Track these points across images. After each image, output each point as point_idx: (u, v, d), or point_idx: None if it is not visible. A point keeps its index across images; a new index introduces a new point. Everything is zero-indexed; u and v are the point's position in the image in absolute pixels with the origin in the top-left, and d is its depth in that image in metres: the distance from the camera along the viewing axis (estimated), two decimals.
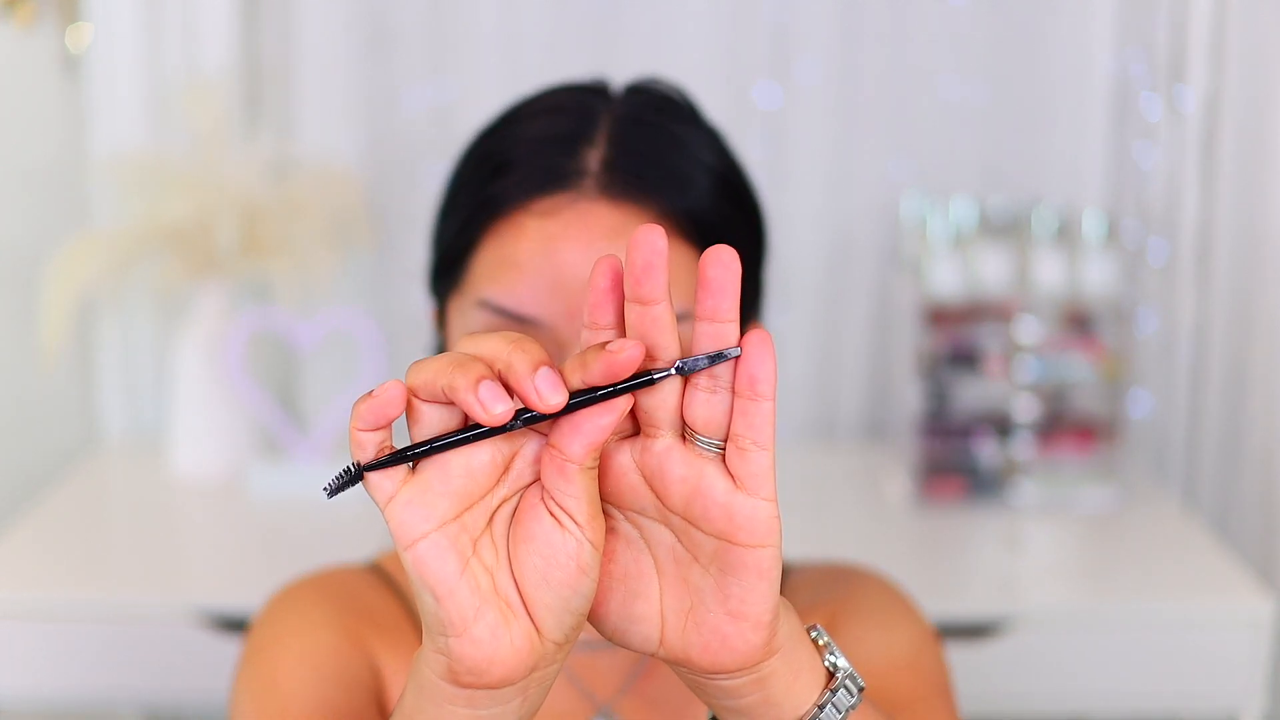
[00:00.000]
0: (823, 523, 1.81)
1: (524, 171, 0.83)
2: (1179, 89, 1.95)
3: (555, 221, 0.81)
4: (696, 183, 0.83)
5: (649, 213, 0.81)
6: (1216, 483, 1.97)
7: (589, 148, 0.83)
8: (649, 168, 0.82)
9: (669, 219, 0.82)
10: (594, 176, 0.82)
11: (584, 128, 0.84)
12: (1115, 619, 1.57)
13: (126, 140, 1.95)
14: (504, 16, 1.98)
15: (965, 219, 1.86)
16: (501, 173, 0.84)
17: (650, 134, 0.84)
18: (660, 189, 0.82)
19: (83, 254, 1.79)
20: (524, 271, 0.81)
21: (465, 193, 0.86)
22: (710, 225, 0.83)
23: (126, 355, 2.04)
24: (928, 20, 2.01)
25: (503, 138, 0.86)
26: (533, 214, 0.82)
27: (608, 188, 0.82)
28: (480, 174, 0.85)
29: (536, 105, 0.88)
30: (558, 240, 0.81)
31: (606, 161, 0.82)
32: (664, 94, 0.89)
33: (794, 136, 2.03)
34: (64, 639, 1.54)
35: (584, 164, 0.82)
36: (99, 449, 2.03)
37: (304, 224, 1.86)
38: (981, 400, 1.87)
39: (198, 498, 1.84)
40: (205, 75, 1.93)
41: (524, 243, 0.81)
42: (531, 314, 0.81)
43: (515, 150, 0.84)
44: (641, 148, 0.83)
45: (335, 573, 0.96)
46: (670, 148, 0.84)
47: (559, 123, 0.85)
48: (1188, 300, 1.97)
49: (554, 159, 0.83)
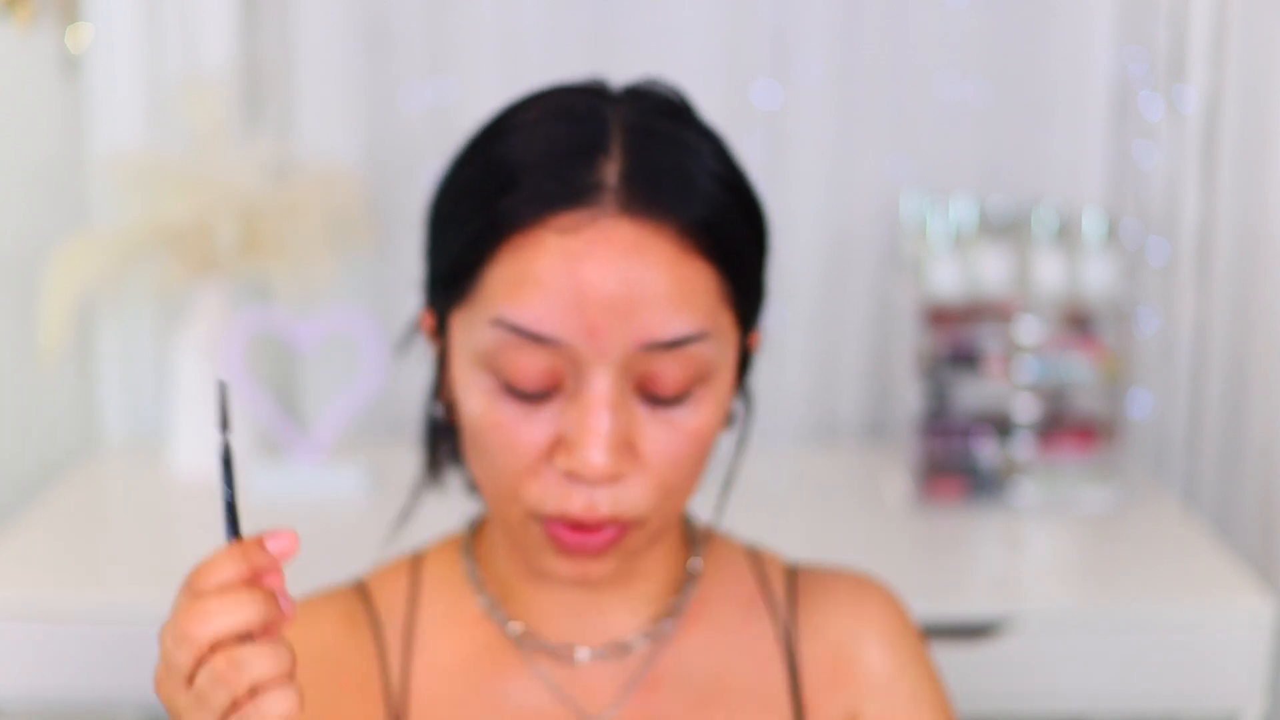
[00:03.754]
0: (823, 523, 1.81)
1: (540, 185, 0.81)
2: (1179, 89, 1.95)
3: (576, 239, 0.80)
4: (708, 193, 0.83)
5: (667, 227, 0.80)
6: (1216, 483, 1.97)
7: (605, 159, 0.81)
8: (665, 181, 0.82)
9: (686, 232, 0.81)
10: (613, 191, 0.81)
11: (597, 137, 0.82)
12: (1115, 619, 1.57)
13: (126, 140, 1.95)
14: (503, 16, 1.98)
15: (965, 219, 1.86)
16: (514, 184, 0.82)
17: (662, 144, 0.83)
18: (676, 203, 0.81)
19: (82, 254, 1.79)
20: (544, 290, 0.79)
21: (472, 202, 0.84)
22: (722, 234, 0.83)
23: (126, 355, 2.04)
24: (928, 20, 2.01)
25: (510, 145, 0.84)
26: (551, 230, 0.80)
27: (627, 204, 0.80)
28: (489, 184, 0.83)
29: (540, 109, 0.86)
30: (580, 258, 0.79)
31: (624, 175, 0.81)
32: (666, 97, 0.88)
33: (794, 136, 2.03)
34: (64, 639, 1.54)
35: (602, 178, 0.81)
36: (98, 449, 2.03)
37: (303, 224, 1.86)
38: (981, 400, 1.87)
39: (197, 498, 1.84)
40: (205, 75, 1.93)
41: (543, 259, 0.80)
42: (550, 333, 0.80)
43: (526, 159, 0.82)
44: (656, 159, 0.82)
45: (310, 626, 0.93)
46: (682, 158, 0.83)
47: (570, 131, 0.83)
48: (1188, 300, 1.97)
49: (571, 172, 0.81)
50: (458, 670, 0.92)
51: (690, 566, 0.95)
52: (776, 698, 0.93)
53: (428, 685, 0.92)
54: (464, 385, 0.84)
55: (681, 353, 0.81)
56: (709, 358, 0.82)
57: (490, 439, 0.83)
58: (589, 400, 0.80)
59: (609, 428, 0.80)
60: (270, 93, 2.02)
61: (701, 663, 0.93)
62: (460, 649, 0.93)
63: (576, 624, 0.92)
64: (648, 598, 0.93)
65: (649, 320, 0.79)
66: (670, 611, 0.93)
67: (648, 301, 0.79)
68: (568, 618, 0.92)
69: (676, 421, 0.82)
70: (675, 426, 0.82)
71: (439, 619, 0.94)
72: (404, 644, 0.93)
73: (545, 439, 0.82)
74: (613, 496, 0.82)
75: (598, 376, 0.80)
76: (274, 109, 2.02)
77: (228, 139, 1.89)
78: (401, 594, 0.95)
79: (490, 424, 0.82)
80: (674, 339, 0.80)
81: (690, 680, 0.92)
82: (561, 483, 0.82)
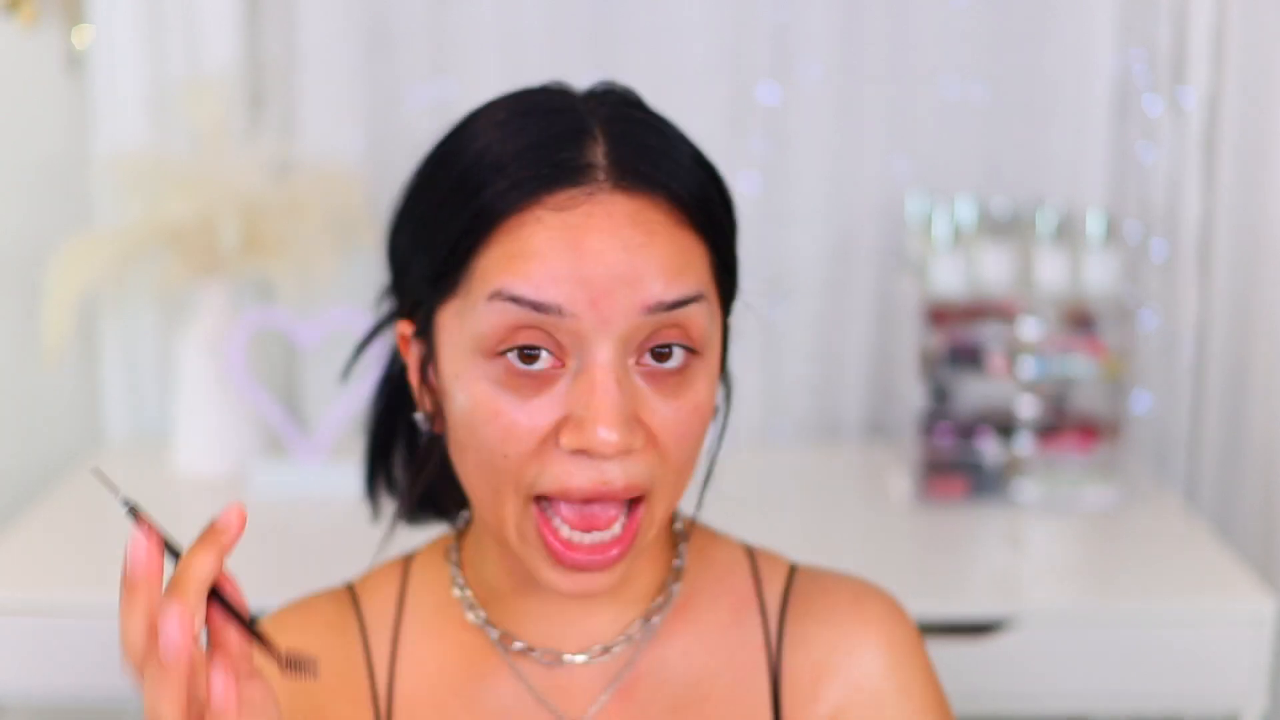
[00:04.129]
0: (824, 521, 1.81)
1: (529, 169, 0.81)
2: (1180, 88, 1.95)
3: (574, 214, 0.80)
4: (688, 169, 0.84)
5: (661, 200, 0.81)
6: (1217, 481, 1.98)
7: (590, 141, 0.82)
8: (651, 158, 0.82)
9: (678, 204, 0.82)
10: (604, 169, 0.81)
11: (579, 123, 0.83)
12: (1116, 618, 1.57)
13: (129, 139, 1.95)
14: (505, 16, 1.98)
15: (967, 218, 1.86)
16: (499, 174, 0.81)
17: (641, 127, 0.84)
18: (667, 177, 0.82)
19: (85, 253, 1.79)
20: (544, 259, 0.79)
21: (454, 200, 0.83)
22: (710, 209, 0.84)
23: (128, 354, 2.04)
24: (929, 20, 2.01)
25: (486, 143, 0.83)
26: (547, 208, 0.80)
27: (620, 179, 0.81)
28: (470, 181, 0.83)
29: (508, 110, 0.86)
30: (580, 229, 0.79)
31: (612, 155, 0.82)
32: (626, 91, 0.89)
33: (796, 136, 2.03)
34: (67, 637, 1.54)
35: (591, 158, 0.81)
36: (101, 448, 2.03)
37: (305, 223, 1.86)
38: (983, 399, 1.87)
39: (200, 496, 1.84)
40: (207, 75, 1.93)
41: (542, 234, 0.79)
42: (553, 300, 0.79)
43: (508, 151, 0.82)
44: (639, 138, 0.83)
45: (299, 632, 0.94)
46: (661, 137, 0.85)
47: (549, 122, 0.83)
48: (1189, 299, 1.97)
49: (560, 155, 0.81)
50: (441, 674, 0.92)
51: (675, 566, 0.94)
52: (756, 706, 0.92)
53: (412, 689, 0.92)
54: (457, 377, 0.83)
55: (682, 314, 0.81)
56: (704, 325, 0.82)
57: (489, 428, 0.81)
58: (595, 375, 0.79)
59: (618, 401, 0.79)
60: (272, 92, 2.02)
61: (682, 666, 0.92)
62: (444, 653, 0.92)
63: (562, 628, 0.91)
64: (635, 599, 0.92)
65: (650, 285, 0.79)
66: (653, 612, 0.92)
67: (650, 269, 0.80)
68: (553, 622, 0.91)
69: (677, 396, 0.82)
70: (677, 402, 0.82)
71: (424, 623, 0.94)
72: (390, 648, 0.93)
73: (547, 423, 0.80)
74: (623, 468, 0.80)
75: (601, 350, 0.79)
76: (276, 109, 2.02)
77: (230, 138, 1.89)
78: (389, 598, 0.95)
79: (489, 412, 0.81)
80: (676, 299, 0.80)
81: (669, 684, 0.92)
82: (567, 460, 0.80)
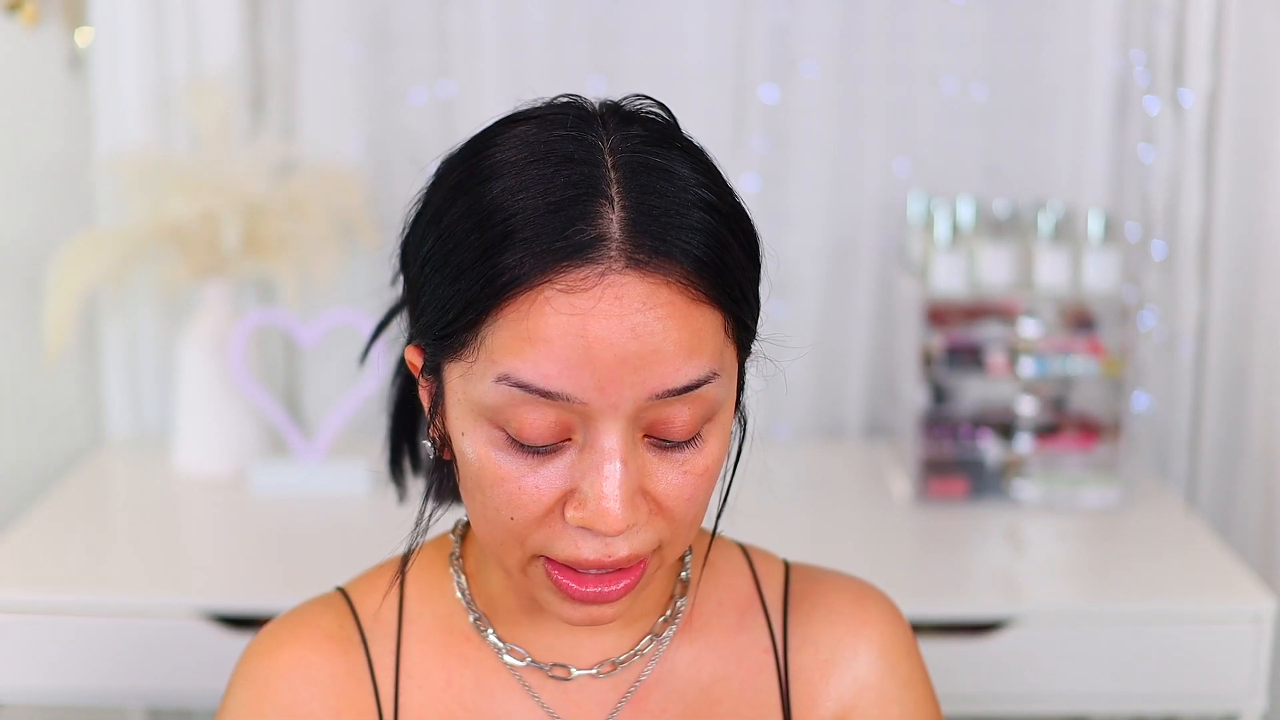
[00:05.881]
0: (826, 520, 1.81)
1: (540, 241, 0.78)
2: (1180, 89, 1.95)
3: (585, 297, 0.77)
4: (706, 228, 0.80)
5: (674, 276, 0.78)
6: (1217, 481, 1.98)
7: (604, 206, 0.79)
8: (667, 226, 0.79)
9: (691, 278, 0.79)
10: (617, 244, 0.78)
11: (594, 182, 0.79)
12: (1116, 617, 1.57)
13: (131, 139, 1.95)
14: (506, 16, 1.99)
15: (967, 218, 1.87)
16: (510, 239, 0.78)
17: (659, 182, 0.80)
18: (681, 248, 0.79)
19: (87, 252, 1.79)
20: (553, 348, 0.77)
21: (465, 254, 0.80)
22: (724, 271, 0.81)
23: (130, 354, 2.05)
24: (929, 19, 2.01)
25: (501, 191, 0.80)
26: (557, 286, 0.77)
27: (633, 256, 0.78)
28: (483, 236, 0.80)
29: (527, 148, 0.82)
30: (589, 316, 0.77)
31: (626, 226, 0.78)
32: (651, 119, 0.85)
33: (796, 135, 2.03)
34: (68, 636, 1.54)
35: (604, 229, 0.78)
36: (103, 447, 2.04)
37: (307, 223, 1.87)
38: (984, 398, 1.88)
39: (201, 496, 1.85)
40: (209, 75, 1.94)
41: (551, 318, 0.77)
42: (561, 390, 0.78)
43: (521, 209, 0.79)
44: (655, 201, 0.80)
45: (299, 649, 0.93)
46: (679, 194, 0.81)
47: (565, 176, 0.80)
48: (1189, 299, 1.97)
49: (571, 225, 0.78)
50: (449, 689, 0.92)
51: (682, 577, 0.94)
52: (767, 707, 0.92)
53: (419, 705, 0.91)
54: (463, 433, 0.82)
55: (692, 396, 0.80)
56: (717, 396, 0.81)
57: (495, 491, 0.81)
58: (601, 455, 0.79)
59: (623, 483, 0.79)
60: (274, 92, 2.02)
61: (692, 674, 0.92)
62: (451, 667, 0.92)
63: (570, 643, 0.91)
64: (643, 612, 0.92)
65: (661, 371, 0.78)
66: (662, 627, 0.93)
67: (660, 354, 0.78)
68: (562, 637, 0.91)
69: (686, 464, 0.81)
70: (685, 468, 0.81)
71: (427, 635, 0.93)
72: (394, 662, 0.92)
73: (554, 492, 0.80)
74: (629, 542, 0.81)
75: (608, 430, 0.79)
76: (278, 109, 2.02)
77: (232, 138, 1.89)
78: (389, 606, 0.94)
79: (495, 477, 0.80)
80: (686, 385, 0.79)
81: (680, 693, 0.92)
82: (574, 532, 0.80)
